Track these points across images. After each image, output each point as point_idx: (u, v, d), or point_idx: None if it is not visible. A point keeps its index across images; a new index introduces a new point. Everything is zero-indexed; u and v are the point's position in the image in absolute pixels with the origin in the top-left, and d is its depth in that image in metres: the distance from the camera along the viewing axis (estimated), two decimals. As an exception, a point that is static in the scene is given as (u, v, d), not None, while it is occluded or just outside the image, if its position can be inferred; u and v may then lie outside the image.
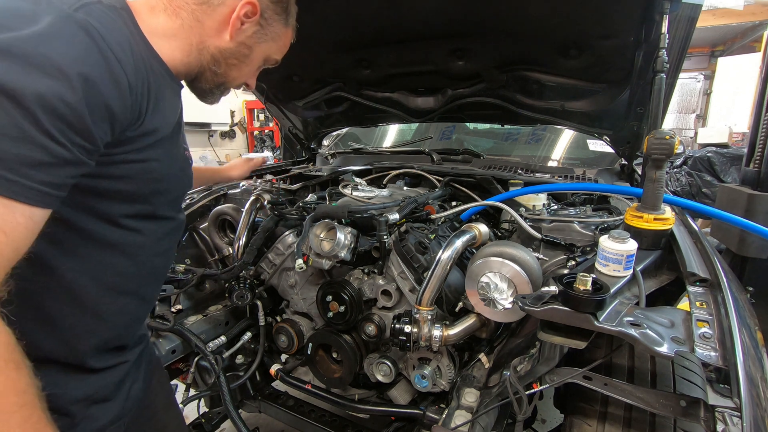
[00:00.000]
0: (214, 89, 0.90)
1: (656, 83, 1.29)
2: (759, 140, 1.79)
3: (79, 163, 0.62)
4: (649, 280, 1.00)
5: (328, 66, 1.89)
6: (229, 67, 0.86)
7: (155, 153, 0.76)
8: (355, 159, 2.25)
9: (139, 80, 0.69)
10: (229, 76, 0.88)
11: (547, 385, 0.89)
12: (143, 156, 0.74)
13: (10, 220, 0.56)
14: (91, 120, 0.61)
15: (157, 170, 0.77)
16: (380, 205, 1.30)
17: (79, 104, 0.59)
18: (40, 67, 0.56)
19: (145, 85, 0.70)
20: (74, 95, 0.58)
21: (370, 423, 1.51)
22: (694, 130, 7.18)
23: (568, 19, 1.34)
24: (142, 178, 0.75)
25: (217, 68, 0.85)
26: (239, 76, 0.90)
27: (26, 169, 0.56)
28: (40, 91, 0.55)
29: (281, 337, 1.52)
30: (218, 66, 0.85)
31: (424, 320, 1.09)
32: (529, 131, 2.45)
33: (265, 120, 8.74)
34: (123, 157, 0.71)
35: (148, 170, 0.76)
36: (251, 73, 0.92)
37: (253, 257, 1.49)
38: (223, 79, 0.88)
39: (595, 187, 1.51)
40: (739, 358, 0.65)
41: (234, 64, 0.86)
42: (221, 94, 0.93)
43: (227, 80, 0.89)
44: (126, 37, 0.68)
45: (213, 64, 0.84)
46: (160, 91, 0.75)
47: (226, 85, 0.90)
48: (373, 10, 1.46)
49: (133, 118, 0.69)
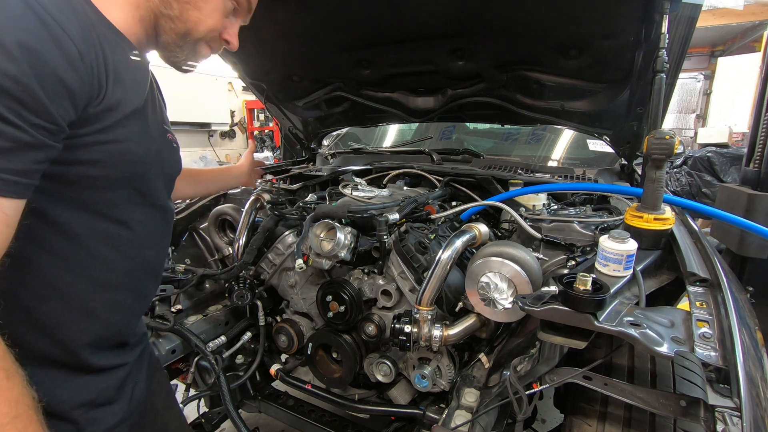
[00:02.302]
0: (178, 42, 0.79)
1: (656, 83, 1.29)
2: (759, 140, 1.79)
3: (43, 146, 0.57)
4: (649, 280, 1.00)
5: (328, 66, 1.88)
6: (183, 7, 0.76)
7: (126, 132, 0.70)
8: (355, 159, 2.25)
9: (90, 47, 0.62)
10: (189, 19, 0.77)
11: (547, 385, 0.89)
12: (113, 136, 0.68)
13: None
14: (45, 95, 0.56)
15: (131, 151, 0.71)
16: (380, 205, 1.30)
17: (24, 77, 0.53)
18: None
19: (99, 53, 0.64)
20: (17, 67, 0.52)
21: (370, 423, 1.51)
22: (694, 130, 7.18)
23: (568, 19, 1.34)
24: (117, 161, 0.69)
25: (170, 11, 0.75)
26: (201, 18, 0.78)
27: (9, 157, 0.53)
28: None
29: (281, 337, 1.51)
30: (169, 7, 0.75)
31: (424, 320, 1.09)
32: (529, 131, 2.45)
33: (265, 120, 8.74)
34: (91, 139, 0.65)
35: (121, 152, 0.70)
36: (214, 14, 0.79)
37: (253, 257, 1.49)
38: (183, 26, 0.77)
39: (595, 187, 1.51)
40: (739, 358, 0.65)
41: (187, 0, 0.76)
42: (192, 51, 0.82)
43: (189, 26, 0.77)
44: (66, 1, 0.62)
45: (163, 6, 0.75)
46: (117, 59, 0.68)
47: (190, 34, 0.79)
48: (373, 10, 1.46)
49: (93, 91, 0.63)
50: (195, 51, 0.83)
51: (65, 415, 0.72)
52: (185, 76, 0.88)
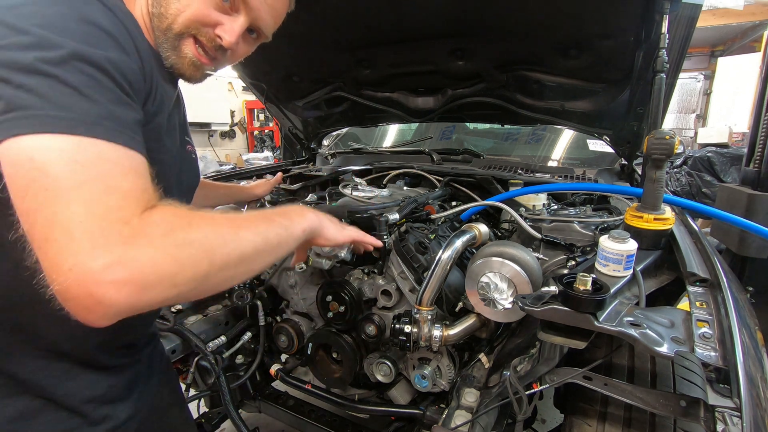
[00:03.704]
0: (162, 39, 0.75)
1: (656, 83, 1.29)
2: (759, 140, 1.79)
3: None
4: (649, 280, 1.00)
5: (328, 66, 1.89)
6: (166, 2, 0.73)
7: (154, 144, 0.71)
8: (355, 159, 2.25)
9: (145, 49, 0.69)
10: (170, 13, 0.73)
11: (547, 385, 0.89)
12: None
13: (137, 162, 0.59)
14: (140, 79, 0.64)
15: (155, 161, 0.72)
16: (380, 205, 1.30)
17: (133, 66, 0.62)
18: (97, 36, 0.58)
19: (149, 56, 0.70)
20: (129, 58, 0.61)
21: (370, 423, 1.51)
22: (694, 130, 7.19)
23: (568, 19, 1.34)
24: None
25: (157, 8, 0.74)
26: (180, 9, 0.73)
27: (134, 127, 0.60)
28: (110, 57, 0.58)
29: (281, 337, 1.51)
30: (157, 5, 0.74)
31: (424, 320, 1.09)
32: (529, 131, 2.45)
33: (265, 120, 8.75)
34: None
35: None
36: (195, 2, 0.74)
37: (253, 257, 1.49)
38: (166, 21, 0.74)
39: (595, 187, 1.50)
40: (739, 358, 0.65)
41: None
42: (173, 48, 0.76)
43: (169, 20, 0.73)
44: (126, 12, 0.68)
45: (153, 5, 0.74)
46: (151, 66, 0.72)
47: (171, 29, 0.74)
48: (373, 10, 1.46)
49: (149, 90, 0.69)
50: (177, 48, 0.76)
51: (77, 408, 0.73)
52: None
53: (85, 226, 0.49)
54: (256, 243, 0.66)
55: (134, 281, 0.50)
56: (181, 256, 0.55)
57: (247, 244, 0.64)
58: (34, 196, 0.48)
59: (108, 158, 0.54)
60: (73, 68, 0.53)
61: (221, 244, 0.60)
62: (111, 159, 0.54)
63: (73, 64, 0.53)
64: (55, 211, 0.48)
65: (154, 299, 0.53)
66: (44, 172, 0.48)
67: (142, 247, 0.51)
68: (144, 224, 0.53)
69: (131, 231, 0.51)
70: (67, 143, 0.50)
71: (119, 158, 0.55)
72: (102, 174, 0.52)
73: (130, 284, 0.50)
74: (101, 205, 0.50)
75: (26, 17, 0.54)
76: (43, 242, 0.49)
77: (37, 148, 0.49)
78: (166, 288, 0.53)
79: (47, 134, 0.49)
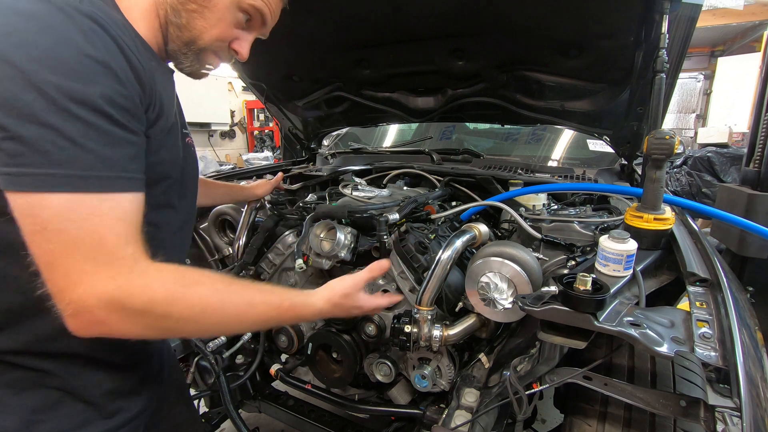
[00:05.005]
0: (183, 50, 0.80)
1: (656, 83, 1.29)
2: (759, 140, 1.79)
3: (144, 145, 0.69)
4: (649, 280, 1.00)
5: (328, 66, 1.88)
6: (190, 16, 0.77)
7: (161, 142, 0.75)
8: (355, 159, 2.25)
9: (142, 60, 0.69)
10: (195, 28, 0.78)
11: (547, 385, 0.89)
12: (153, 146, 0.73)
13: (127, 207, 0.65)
14: (140, 102, 0.66)
15: (164, 161, 0.77)
16: (380, 205, 1.30)
17: (128, 92, 0.64)
18: (91, 70, 0.59)
19: (147, 65, 0.70)
20: (121, 83, 0.63)
21: (370, 423, 1.51)
22: (694, 130, 7.18)
23: (568, 18, 1.34)
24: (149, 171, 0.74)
25: (178, 19, 0.77)
26: (207, 27, 0.78)
27: (129, 165, 0.65)
28: (104, 92, 0.60)
29: (281, 337, 1.51)
30: (179, 16, 0.76)
31: (424, 320, 1.09)
32: (529, 131, 2.45)
33: (265, 120, 8.75)
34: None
35: (156, 162, 0.75)
36: (220, 24, 0.79)
37: (253, 257, 1.49)
38: (189, 34, 0.78)
39: (595, 187, 1.50)
40: (739, 358, 0.65)
41: (194, 9, 0.76)
42: (197, 59, 0.83)
43: (194, 34, 0.78)
44: (118, 21, 0.68)
45: (174, 15, 0.76)
46: (151, 71, 0.72)
47: (196, 43, 0.80)
48: (373, 10, 1.46)
49: (150, 100, 0.70)
50: (199, 59, 0.83)
51: (92, 400, 0.76)
52: (185, 76, 0.88)
53: (77, 278, 0.60)
54: (242, 328, 0.78)
55: (110, 333, 0.64)
56: (155, 325, 0.66)
57: (232, 328, 0.76)
58: (38, 246, 0.59)
59: (97, 212, 0.61)
60: (68, 115, 0.57)
61: (197, 329, 0.72)
62: (101, 213, 0.61)
63: (68, 109, 0.57)
64: (51, 262, 0.59)
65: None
66: (44, 227, 0.58)
67: (117, 317, 0.62)
68: (126, 293, 0.62)
69: (111, 297, 0.61)
70: (63, 201, 0.58)
71: (109, 210, 0.62)
72: (91, 229, 0.60)
73: (105, 332, 0.64)
74: (89, 261, 0.60)
75: (16, 47, 0.56)
76: (47, 280, 0.61)
77: (37, 205, 0.58)
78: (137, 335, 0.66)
79: (45, 193, 0.58)
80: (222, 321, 0.72)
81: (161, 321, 0.65)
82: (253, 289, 0.78)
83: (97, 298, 0.60)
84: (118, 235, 0.62)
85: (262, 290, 0.81)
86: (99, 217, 0.61)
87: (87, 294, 0.59)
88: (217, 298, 0.70)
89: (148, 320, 0.64)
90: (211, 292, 0.70)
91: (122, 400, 0.82)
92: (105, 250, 0.61)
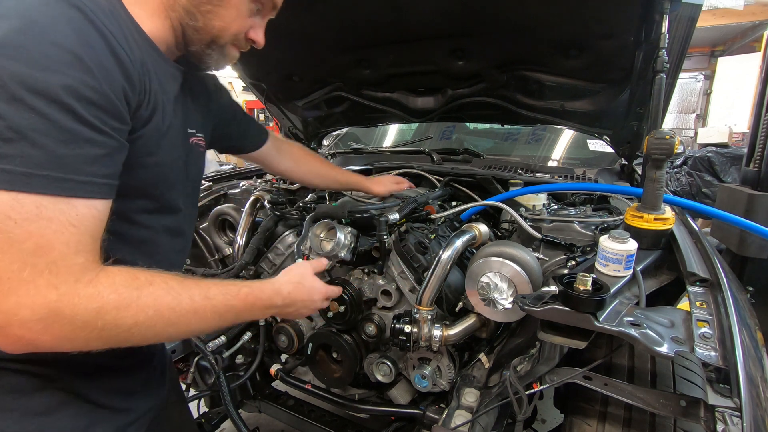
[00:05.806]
0: (206, 50, 0.81)
1: (656, 83, 1.29)
2: (759, 140, 1.79)
3: (123, 147, 0.64)
4: (649, 280, 1.00)
5: (328, 66, 1.88)
6: (206, 17, 0.76)
7: (156, 143, 0.73)
8: (355, 159, 2.25)
9: (136, 55, 0.66)
10: (213, 28, 0.78)
11: (547, 385, 0.89)
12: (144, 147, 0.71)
13: (75, 213, 0.58)
14: (117, 100, 0.61)
15: (160, 163, 0.75)
16: (380, 205, 1.30)
17: (102, 85, 0.58)
18: (55, 59, 0.54)
19: (140, 62, 0.68)
20: (93, 77, 0.57)
21: (370, 423, 1.51)
22: (694, 130, 7.18)
23: (568, 18, 1.34)
24: (143, 174, 0.72)
25: (195, 22, 0.76)
26: (224, 26, 0.78)
27: (86, 167, 0.58)
28: (67, 83, 0.55)
29: (281, 337, 1.51)
30: (194, 18, 0.76)
31: (424, 320, 1.09)
32: (529, 131, 2.45)
33: (265, 120, 8.74)
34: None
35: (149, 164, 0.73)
36: (238, 19, 0.80)
37: (253, 257, 1.49)
38: (208, 35, 0.78)
39: (595, 187, 1.50)
40: (739, 358, 0.65)
41: (209, 10, 0.76)
42: (221, 55, 0.84)
43: (213, 34, 0.78)
44: (110, 10, 0.65)
45: (189, 18, 0.76)
46: (152, 69, 0.71)
47: (216, 41, 0.80)
48: (373, 10, 1.45)
49: (141, 98, 0.67)
50: (224, 54, 0.84)
51: (99, 401, 0.77)
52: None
53: (10, 285, 0.53)
54: (203, 325, 0.73)
55: (44, 348, 0.57)
56: (103, 336, 0.60)
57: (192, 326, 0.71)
58: None
59: (44, 215, 0.55)
60: (21, 105, 0.52)
61: (154, 334, 0.66)
62: (47, 216, 0.55)
63: (21, 98, 0.52)
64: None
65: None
66: None
67: (58, 330, 0.56)
68: (69, 304, 0.56)
69: (51, 309, 0.55)
70: (6, 199, 0.53)
71: (57, 213, 0.56)
72: (35, 233, 0.54)
73: (38, 347, 0.57)
74: (27, 267, 0.54)
75: None
76: None
77: None
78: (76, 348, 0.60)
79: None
80: (179, 320, 0.67)
81: (111, 330, 0.60)
82: (208, 283, 0.74)
83: (33, 311, 0.54)
84: (67, 242, 0.56)
85: (218, 283, 0.76)
86: (45, 220, 0.55)
87: (20, 305, 0.53)
88: (171, 295, 0.66)
89: (96, 331, 0.59)
90: (164, 291, 0.65)
91: (129, 400, 0.82)
92: (48, 257, 0.55)
